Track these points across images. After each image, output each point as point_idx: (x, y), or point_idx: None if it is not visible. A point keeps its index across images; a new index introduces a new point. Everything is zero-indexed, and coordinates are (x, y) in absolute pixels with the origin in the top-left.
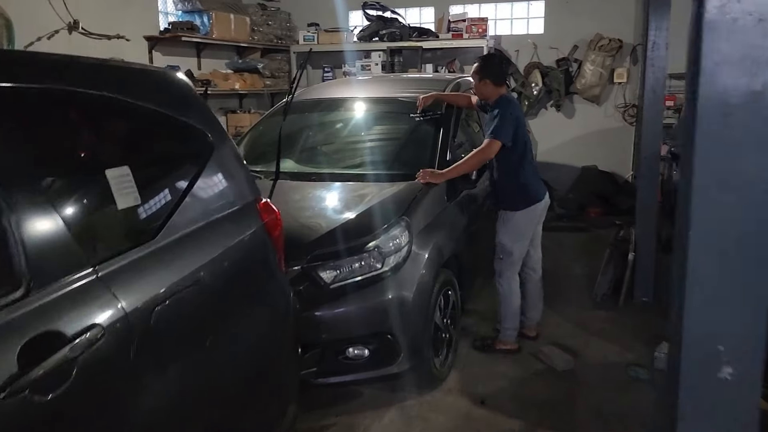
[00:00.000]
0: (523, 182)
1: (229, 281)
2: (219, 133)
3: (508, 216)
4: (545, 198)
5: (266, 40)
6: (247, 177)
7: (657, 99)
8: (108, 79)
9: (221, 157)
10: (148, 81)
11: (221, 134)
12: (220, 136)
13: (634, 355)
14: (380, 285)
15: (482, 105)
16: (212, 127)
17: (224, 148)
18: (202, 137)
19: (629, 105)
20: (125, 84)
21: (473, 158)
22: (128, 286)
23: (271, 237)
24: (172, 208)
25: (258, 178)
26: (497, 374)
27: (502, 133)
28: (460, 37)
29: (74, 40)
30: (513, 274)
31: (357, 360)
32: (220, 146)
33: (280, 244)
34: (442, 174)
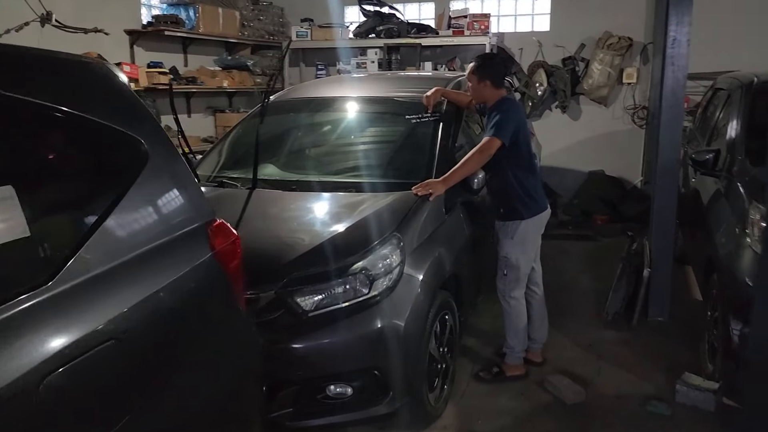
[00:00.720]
0: (529, 189)
1: (164, 331)
2: (158, 141)
3: (514, 226)
4: (548, 208)
5: (257, 36)
6: (194, 195)
7: (677, 101)
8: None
9: (158, 170)
10: (56, 72)
11: (162, 142)
12: (159, 144)
13: (652, 386)
14: (367, 313)
15: (480, 109)
16: (149, 132)
17: (164, 159)
18: (133, 146)
19: (639, 107)
20: (17, 74)
21: (473, 159)
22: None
23: (226, 268)
24: (79, 240)
25: (233, 187)
26: (499, 408)
27: (503, 131)
28: (461, 34)
29: (46, 34)
30: (520, 290)
31: (339, 399)
32: (158, 157)
33: (239, 275)
34: (443, 182)
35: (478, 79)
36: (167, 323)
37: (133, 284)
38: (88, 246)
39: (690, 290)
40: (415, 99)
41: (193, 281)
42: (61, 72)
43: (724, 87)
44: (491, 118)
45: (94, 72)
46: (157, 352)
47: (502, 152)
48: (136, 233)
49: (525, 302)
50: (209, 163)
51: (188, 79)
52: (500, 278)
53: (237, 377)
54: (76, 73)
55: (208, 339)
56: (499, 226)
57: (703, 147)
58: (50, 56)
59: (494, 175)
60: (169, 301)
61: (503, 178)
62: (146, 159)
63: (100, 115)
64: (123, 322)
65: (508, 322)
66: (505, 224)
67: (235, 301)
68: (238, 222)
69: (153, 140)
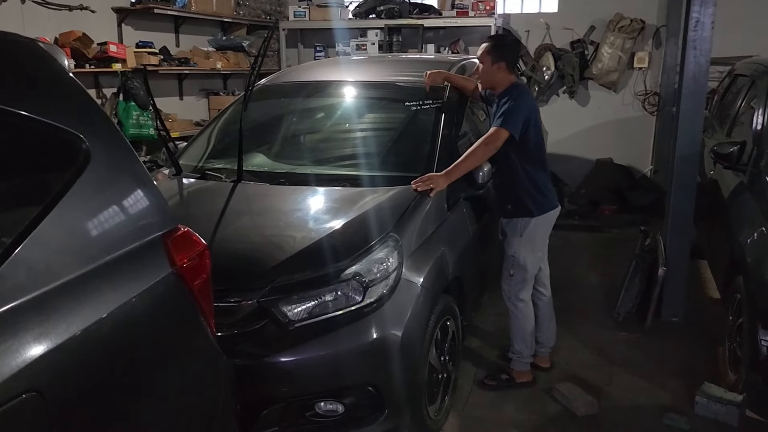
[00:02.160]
0: (540, 184)
1: (104, 375)
2: (105, 137)
3: (523, 223)
4: (559, 206)
5: (253, 15)
6: (151, 201)
7: (699, 88)
8: None
9: (104, 173)
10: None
11: (109, 138)
12: (106, 141)
13: (669, 396)
14: (361, 323)
15: (485, 96)
16: (93, 127)
17: (112, 158)
18: (71, 143)
19: (650, 92)
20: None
21: (477, 151)
22: None
23: (190, 286)
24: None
25: (218, 179)
26: (504, 420)
27: (511, 121)
28: (465, 15)
29: (27, 11)
30: (527, 292)
31: (330, 417)
32: (103, 157)
33: (207, 293)
34: (445, 176)
35: (492, 61)
36: (109, 363)
37: (61, 319)
38: (0, 273)
39: (705, 287)
40: (416, 84)
41: (145, 307)
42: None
43: (746, 73)
44: (500, 106)
45: (18, 52)
46: (95, 404)
47: (511, 144)
48: (68, 253)
49: (532, 304)
50: (195, 151)
51: (180, 60)
52: (506, 279)
53: (202, 415)
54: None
55: (165, 376)
56: (505, 224)
57: (723, 137)
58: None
59: (501, 169)
60: (112, 336)
61: (511, 172)
62: (88, 159)
63: (26, 106)
64: (45, 368)
65: (515, 325)
66: (512, 221)
67: (201, 325)
68: (219, 220)
69: (98, 136)
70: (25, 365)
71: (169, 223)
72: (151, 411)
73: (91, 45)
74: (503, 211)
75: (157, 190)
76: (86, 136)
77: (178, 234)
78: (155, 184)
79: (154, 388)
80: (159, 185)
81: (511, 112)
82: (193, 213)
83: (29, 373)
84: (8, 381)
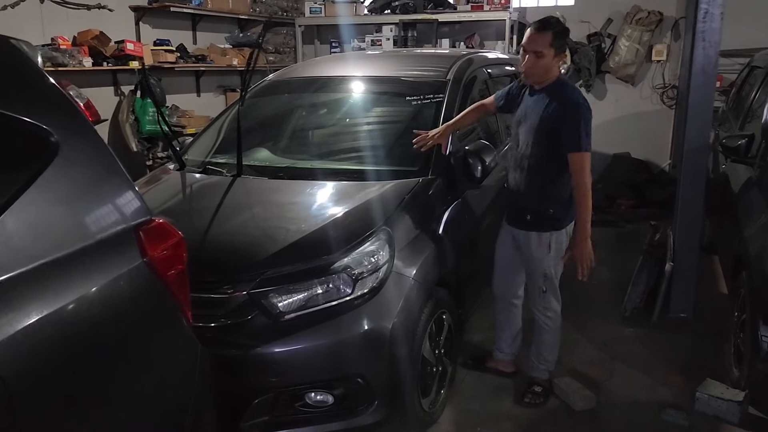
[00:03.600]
0: (570, 192)
1: (70, 360)
2: (74, 131)
3: (554, 237)
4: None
5: (270, 12)
6: (122, 193)
7: (708, 80)
8: None
9: (71, 165)
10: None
11: (80, 131)
12: (75, 134)
13: (670, 392)
14: (350, 315)
15: (511, 96)
16: (62, 121)
17: (81, 152)
18: (38, 136)
19: (668, 86)
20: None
21: (583, 186)
22: None
23: (164, 276)
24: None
25: (219, 174)
26: (501, 413)
27: (589, 139)
28: (480, 9)
29: (46, 10)
30: (558, 300)
31: (319, 408)
32: (71, 150)
33: (183, 283)
34: (584, 240)
35: (555, 53)
36: (74, 349)
37: (23, 306)
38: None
39: (717, 283)
40: (419, 78)
41: (113, 295)
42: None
43: (761, 65)
44: (554, 109)
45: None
46: (60, 389)
47: (556, 154)
48: (31, 243)
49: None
50: (203, 146)
51: (197, 57)
52: (539, 296)
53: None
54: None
55: (134, 363)
56: (523, 237)
57: (736, 130)
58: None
59: (539, 176)
60: (77, 323)
61: (545, 182)
62: (55, 152)
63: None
64: (4, 353)
65: (548, 337)
66: (535, 236)
67: (175, 315)
68: (215, 213)
69: (66, 130)
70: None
71: (142, 215)
72: (119, 397)
73: (109, 43)
74: (523, 223)
75: (130, 182)
76: (54, 129)
77: (151, 225)
78: (128, 177)
79: (122, 375)
80: (163, 179)
81: (584, 126)
82: (191, 206)
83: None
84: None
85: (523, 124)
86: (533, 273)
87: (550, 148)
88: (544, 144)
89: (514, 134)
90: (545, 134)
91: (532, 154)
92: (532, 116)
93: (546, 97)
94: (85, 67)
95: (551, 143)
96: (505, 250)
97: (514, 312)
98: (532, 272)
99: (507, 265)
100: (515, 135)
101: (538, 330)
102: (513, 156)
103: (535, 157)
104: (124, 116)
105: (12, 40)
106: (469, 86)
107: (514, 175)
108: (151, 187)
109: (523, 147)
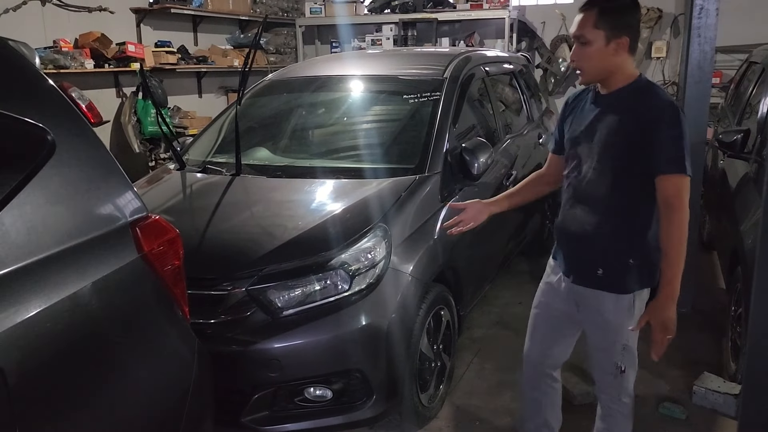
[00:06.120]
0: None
1: (65, 349)
2: (71, 130)
3: (636, 297)
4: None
5: (270, 13)
6: (119, 190)
7: (704, 76)
8: None
9: (68, 163)
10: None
11: (76, 130)
12: (72, 133)
13: (668, 385)
14: (347, 311)
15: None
16: (58, 120)
17: (77, 150)
18: (34, 135)
19: (669, 82)
20: None
21: (678, 222)
22: None
23: (160, 271)
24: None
25: (219, 173)
26: (500, 408)
27: (688, 159)
28: (479, 8)
29: (48, 13)
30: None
31: (318, 402)
32: (68, 148)
33: (179, 277)
34: (671, 295)
35: (606, 36)
36: (71, 341)
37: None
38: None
39: (716, 279)
40: (416, 76)
41: (109, 289)
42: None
43: (759, 60)
44: (637, 116)
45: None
46: (56, 379)
47: (640, 183)
48: (28, 239)
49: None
50: (202, 146)
51: (198, 59)
52: (615, 379)
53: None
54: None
55: (130, 355)
56: (593, 298)
57: (733, 126)
58: None
59: (613, 212)
60: (75, 315)
61: (637, 216)
62: (52, 150)
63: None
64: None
65: (622, 427)
66: (617, 298)
67: (171, 309)
68: (214, 211)
69: (63, 129)
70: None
71: (138, 211)
72: (115, 389)
73: (110, 45)
74: (592, 279)
75: (126, 180)
76: (51, 128)
77: (147, 222)
78: (124, 175)
79: (119, 367)
80: (163, 179)
81: (685, 144)
82: (191, 205)
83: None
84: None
85: (584, 141)
86: (608, 347)
87: (629, 171)
88: (620, 167)
89: (569, 158)
90: (623, 152)
91: (603, 182)
92: (601, 129)
93: (621, 103)
94: (87, 69)
95: (631, 165)
96: (550, 309)
97: (555, 388)
98: (605, 346)
99: (552, 328)
100: (571, 157)
101: (606, 419)
102: (570, 184)
103: (607, 186)
104: (127, 118)
105: (10, 42)
106: (467, 84)
107: (574, 211)
108: (152, 186)
109: (588, 172)
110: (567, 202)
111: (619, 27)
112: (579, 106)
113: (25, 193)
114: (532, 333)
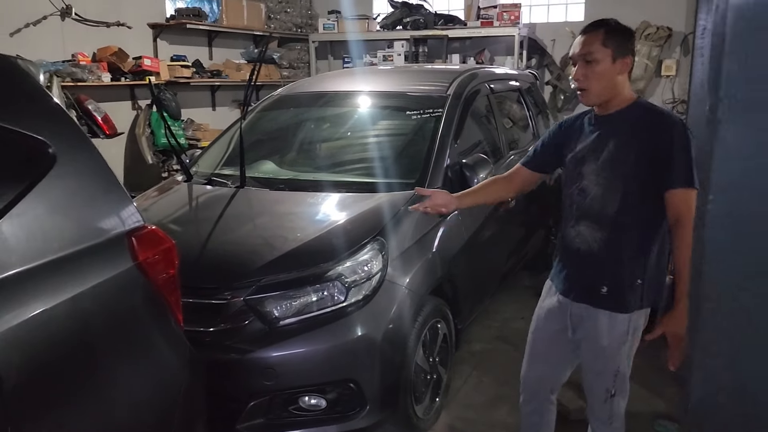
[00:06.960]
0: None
1: (58, 354)
2: (71, 143)
3: (632, 318)
4: None
5: (284, 28)
6: (116, 201)
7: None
8: None
9: (67, 175)
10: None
11: (76, 143)
12: (72, 146)
13: (665, 402)
14: (342, 322)
15: (550, 139)
16: (59, 134)
17: (77, 162)
18: (35, 148)
19: (678, 101)
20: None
21: (684, 236)
22: None
23: (155, 280)
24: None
25: (224, 185)
26: (496, 422)
27: (695, 171)
28: (490, 25)
29: (67, 27)
30: (625, 401)
31: (312, 411)
32: (68, 160)
33: (174, 287)
34: (682, 309)
35: (613, 56)
36: (64, 346)
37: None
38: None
39: None
40: (420, 93)
41: (104, 296)
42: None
43: None
44: (644, 132)
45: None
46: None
47: (652, 202)
48: (26, 246)
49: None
50: (210, 159)
51: (213, 73)
52: (602, 403)
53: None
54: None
55: (123, 360)
56: (588, 317)
57: None
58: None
59: (622, 230)
60: (69, 321)
61: (645, 234)
62: (52, 163)
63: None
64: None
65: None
66: (612, 318)
67: (165, 317)
68: (216, 222)
69: (64, 142)
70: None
71: (134, 222)
72: (108, 393)
73: (127, 59)
74: (593, 297)
75: (124, 191)
76: (52, 141)
77: (143, 232)
78: (122, 187)
79: (112, 371)
80: (171, 190)
81: (692, 161)
82: (195, 216)
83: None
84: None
85: (589, 161)
86: (600, 372)
87: (640, 187)
88: (629, 183)
89: (571, 177)
90: (633, 168)
91: (612, 199)
92: (609, 147)
93: (628, 122)
94: (104, 82)
95: (641, 181)
96: (546, 332)
97: (551, 410)
98: (598, 370)
99: (548, 352)
100: (574, 177)
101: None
102: (573, 202)
103: (614, 203)
104: (141, 129)
105: (16, 59)
106: (470, 100)
107: (579, 229)
108: (159, 197)
109: (593, 189)
110: (570, 219)
111: (624, 47)
112: (576, 129)
113: (26, 202)
114: (529, 358)
